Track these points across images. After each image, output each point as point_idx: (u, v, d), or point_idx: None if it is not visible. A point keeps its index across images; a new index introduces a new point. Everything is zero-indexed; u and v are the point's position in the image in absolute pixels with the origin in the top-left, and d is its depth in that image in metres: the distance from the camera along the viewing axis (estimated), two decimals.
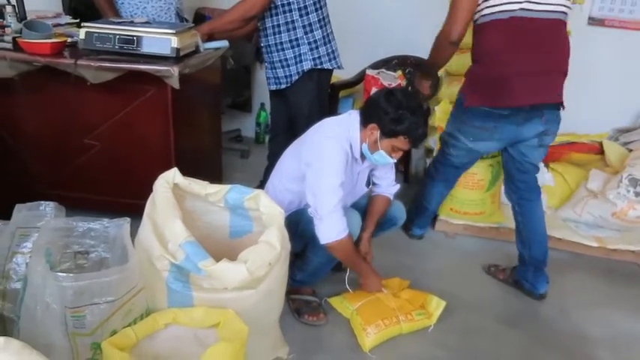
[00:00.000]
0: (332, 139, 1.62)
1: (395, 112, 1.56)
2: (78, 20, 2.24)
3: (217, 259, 1.30)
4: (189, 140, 2.16)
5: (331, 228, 1.56)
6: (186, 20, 2.51)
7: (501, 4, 1.69)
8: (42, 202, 1.45)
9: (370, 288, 1.76)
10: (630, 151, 2.65)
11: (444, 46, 1.82)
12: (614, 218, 2.31)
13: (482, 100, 1.83)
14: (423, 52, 3.02)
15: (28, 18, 1.99)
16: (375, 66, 2.98)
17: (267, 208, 1.47)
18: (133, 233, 1.40)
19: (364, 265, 1.74)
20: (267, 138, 3.36)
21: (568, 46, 1.81)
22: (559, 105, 1.84)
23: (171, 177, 1.46)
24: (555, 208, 2.55)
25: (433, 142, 2.73)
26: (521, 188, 1.98)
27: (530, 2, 1.68)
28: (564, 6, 1.74)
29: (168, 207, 1.36)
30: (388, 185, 1.86)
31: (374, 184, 1.87)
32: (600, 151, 2.66)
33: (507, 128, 1.84)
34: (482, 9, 1.73)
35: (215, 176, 2.64)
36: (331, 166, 1.58)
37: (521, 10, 1.68)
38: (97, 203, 2.13)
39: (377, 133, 1.60)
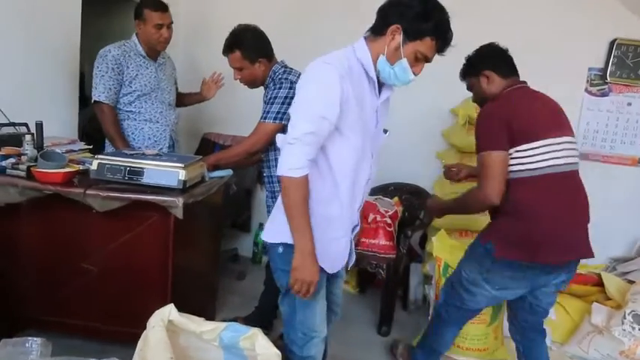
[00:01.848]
0: (327, 64, 1.35)
1: (421, 5, 1.34)
2: (91, 146, 2.38)
3: None
4: (187, 267, 2.14)
5: (287, 159, 1.33)
6: (177, 141, 2.69)
7: (531, 163, 1.72)
8: (29, 337, 1.40)
9: (300, 273, 1.37)
10: (629, 282, 2.64)
11: (480, 207, 1.86)
12: (623, 357, 2.23)
13: (519, 255, 1.75)
14: (418, 179, 3.19)
15: (45, 144, 2.11)
16: (373, 192, 3.08)
17: (263, 348, 1.41)
18: None
19: (306, 235, 1.37)
20: (264, 259, 3.35)
21: (586, 194, 1.86)
22: None
23: (166, 314, 1.42)
24: (560, 344, 2.46)
25: (431, 268, 2.72)
26: (526, 328, 1.93)
27: (555, 158, 1.73)
28: (576, 156, 1.83)
29: (160, 348, 1.31)
30: None
31: None
32: (599, 282, 2.64)
33: (538, 278, 1.80)
34: (513, 165, 1.74)
35: (209, 299, 2.58)
36: (317, 92, 1.34)
37: (549, 167, 1.72)
38: (89, 330, 2.05)
39: (399, 37, 1.35)
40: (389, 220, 2.81)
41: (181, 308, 1.50)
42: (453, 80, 3.13)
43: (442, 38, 1.37)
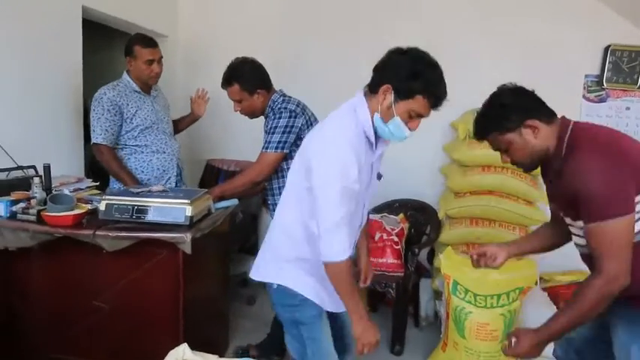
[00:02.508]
0: (345, 145, 1.36)
1: (410, 65, 1.34)
2: (98, 183, 2.42)
3: None
4: (197, 298, 2.16)
5: (331, 246, 1.38)
6: (182, 169, 2.73)
7: None
8: None
9: (365, 338, 1.45)
10: None
11: (608, 300, 1.32)
12: None
13: None
14: (423, 195, 3.20)
15: (53, 184, 2.14)
16: (378, 210, 3.10)
17: None
18: None
19: (359, 304, 1.45)
20: None
21: None
22: None
23: (180, 354, 1.44)
24: None
25: (440, 284, 2.73)
26: None
27: None
28: None
29: None
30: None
31: None
32: None
33: None
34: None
35: (221, 327, 2.59)
36: (340, 174, 1.35)
37: None
38: None
39: (390, 97, 1.37)
40: (395, 238, 2.83)
41: (194, 340, 1.52)
42: (450, 93, 3.17)
43: (434, 96, 1.37)
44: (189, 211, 1.85)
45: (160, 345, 1.48)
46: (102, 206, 1.89)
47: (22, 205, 1.96)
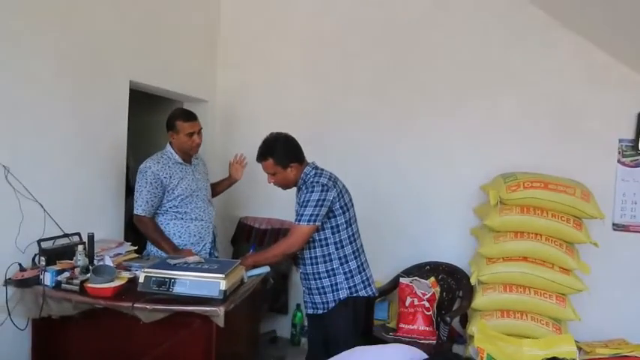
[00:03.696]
0: None
1: None
2: (136, 247, 2.52)
3: None
4: None
5: None
6: (216, 235, 2.82)
7: None
8: None
9: None
10: None
11: None
12: None
13: None
14: (453, 257, 3.17)
15: (95, 249, 2.25)
16: (408, 272, 3.08)
17: None
18: None
19: None
20: (303, 340, 3.36)
21: None
22: None
23: None
24: None
25: (474, 351, 2.65)
26: None
27: None
28: None
29: None
30: None
31: None
32: None
33: None
34: None
35: None
36: None
37: None
38: None
39: None
40: (427, 304, 2.80)
41: None
42: (480, 156, 3.20)
43: None
44: (223, 285, 1.91)
45: None
46: (141, 278, 1.97)
47: (66, 274, 2.06)
